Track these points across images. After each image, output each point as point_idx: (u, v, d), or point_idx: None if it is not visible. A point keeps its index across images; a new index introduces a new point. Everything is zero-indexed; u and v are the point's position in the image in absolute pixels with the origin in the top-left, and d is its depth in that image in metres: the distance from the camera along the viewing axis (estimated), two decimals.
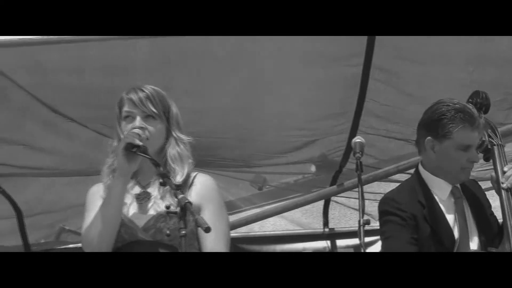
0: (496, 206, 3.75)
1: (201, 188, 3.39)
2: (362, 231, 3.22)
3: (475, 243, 3.61)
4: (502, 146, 3.74)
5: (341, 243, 6.33)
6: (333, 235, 6.37)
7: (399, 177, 5.44)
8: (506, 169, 3.65)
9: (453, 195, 3.67)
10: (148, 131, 3.34)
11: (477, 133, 3.61)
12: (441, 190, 3.66)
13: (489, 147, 3.75)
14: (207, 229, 2.93)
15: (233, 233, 5.69)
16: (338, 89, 5.01)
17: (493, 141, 3.75)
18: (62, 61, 4.46)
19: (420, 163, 3.75)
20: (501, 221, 3.67)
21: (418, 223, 3.57)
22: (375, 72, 4.84)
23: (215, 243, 3.32)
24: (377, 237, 3.70)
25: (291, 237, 6.36)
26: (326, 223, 6.40)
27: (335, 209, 6.45)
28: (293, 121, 5.25)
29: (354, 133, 5.18)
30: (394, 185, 3.97)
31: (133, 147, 3.22)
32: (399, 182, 4.02)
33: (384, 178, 5.72)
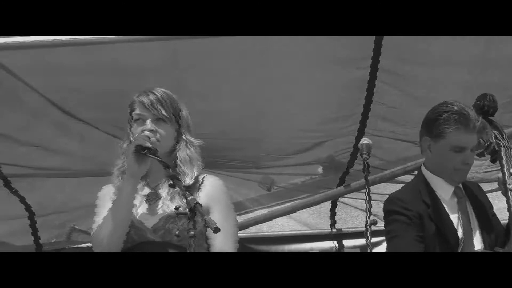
0: (502, 207, 3.77)
1: (210, 189, 3.42)
2: (369, 231, 3.23)
3: (478, 242, 3.63)
4: (509, 148, 3.74)
5: (348, 243, 6.31)
6: (340, 236, 6.35)
7: (406, 178, 5.39)
8: None
9: (456, 195, 3.69)
10: (158, 133, 3.37)
11: (472, 136, 3.60)
12: (444, 190, 3.68)
13: (496, 149, 3.75)
14: (216, 230, 2.95)
15: (242, 233, 5.72)
16: (345, 92, 5.00)
17: (500, 143, 3.75)
18: (74, 63, 4.45)
19: (423, 163, 3.77)
20: (507, 222, 3.68)
21: (423, 221, 3.58)
22: (382, 74, 4.82)
23: (223, 243, 3.35)
24: (384, 238, 3.72)
25: (299, 237, 6.33)
26: (333, 224, 6.39)
27: (342, 210, 6.42)
28: (301, 123, 5.23)
29: (361, 135, 5.17)
30: (400, 186, 3.98)
31: (143, 149, 3.24)
32: (406, 183, 4.02)
33: (390, 179, 5.71)
